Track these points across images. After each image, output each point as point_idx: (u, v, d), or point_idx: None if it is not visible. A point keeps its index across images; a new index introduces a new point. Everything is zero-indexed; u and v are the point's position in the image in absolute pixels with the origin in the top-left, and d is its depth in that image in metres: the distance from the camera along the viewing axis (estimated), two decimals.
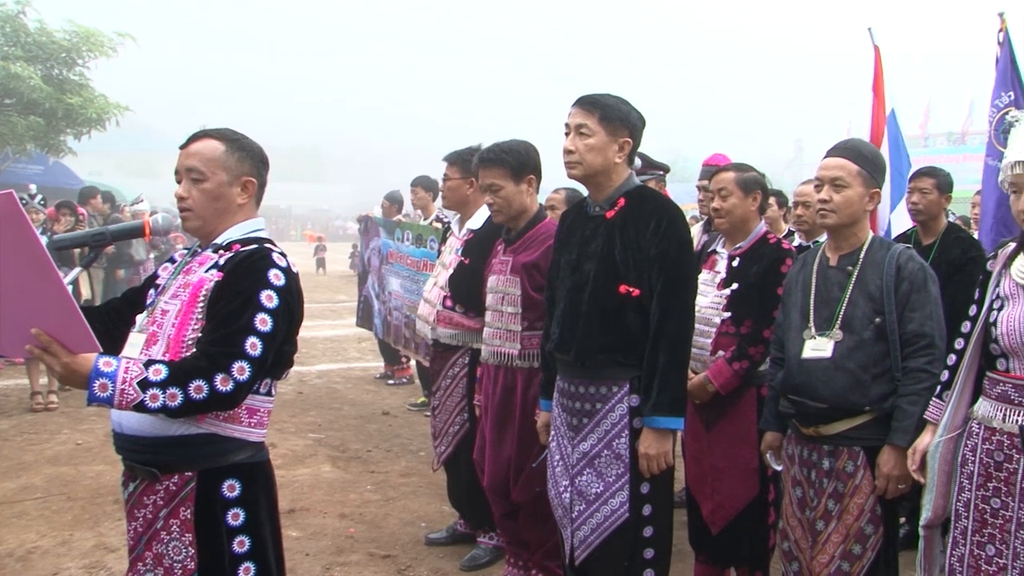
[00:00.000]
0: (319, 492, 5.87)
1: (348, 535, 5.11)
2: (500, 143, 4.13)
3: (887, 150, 6.38)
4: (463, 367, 4.62)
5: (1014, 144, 2.79)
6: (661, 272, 3.23)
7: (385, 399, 8.99)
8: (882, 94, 6.44)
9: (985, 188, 5.64)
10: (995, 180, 5.34)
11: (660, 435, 3.23)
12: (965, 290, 3.19)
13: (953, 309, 3.25)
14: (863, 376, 3.12)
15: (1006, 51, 5.42)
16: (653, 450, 3.22)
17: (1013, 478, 2.73)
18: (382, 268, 8.17)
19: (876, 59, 6.50)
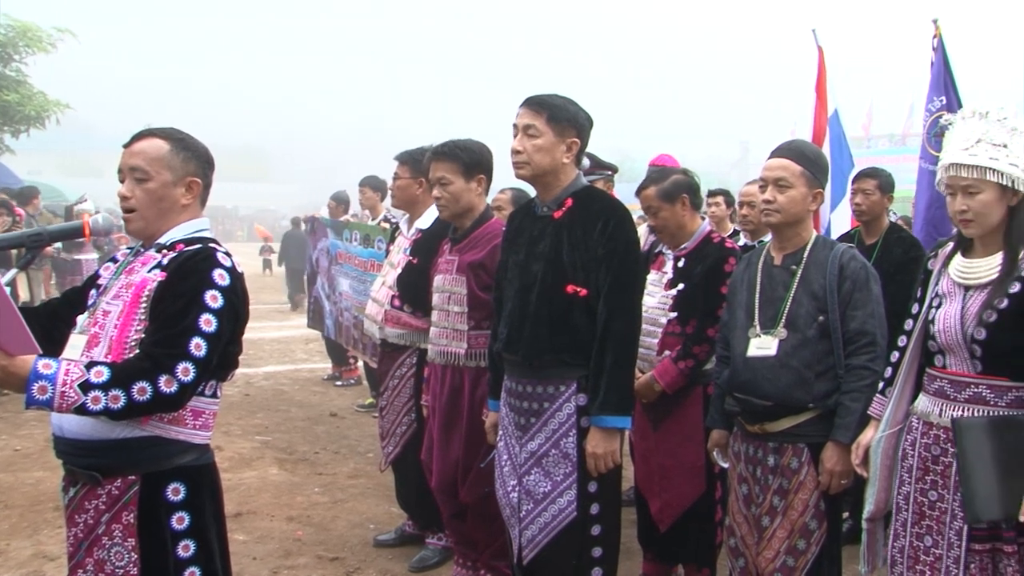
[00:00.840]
0: (266, 495, 5.81)
1: (296, 538, 5.07)
2: (457, 140, 4.13)
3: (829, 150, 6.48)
4: (411, 367, 4.61)
5: (949, 146, 2.86)
6: (608, 272, 3.25)
7: (333, 400, 8.93)
8: (825, 95, 6.55)
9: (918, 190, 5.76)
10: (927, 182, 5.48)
11: (608, 434, 3.25)
12: (906, 289, 3.26)
13: (895, 307, 3.33)
14: (807, 374, 3.18)
15: (940, 57, 5.55)
16: (601, 449, 3.24)
17: (948, 471, 2.81)
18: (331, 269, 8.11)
19: (820, 61, 6.61)
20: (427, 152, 4.28)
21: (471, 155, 4.06)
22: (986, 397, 2.77)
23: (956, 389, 2.82)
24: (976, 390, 2.78)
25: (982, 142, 2.76)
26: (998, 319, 2.73)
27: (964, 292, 2.84)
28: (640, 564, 4.40)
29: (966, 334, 2.77)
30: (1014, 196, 2.78)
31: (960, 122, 2.87)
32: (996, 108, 2.83)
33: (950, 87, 5.47)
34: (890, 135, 34.07)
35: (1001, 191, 2.76)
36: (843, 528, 3.89)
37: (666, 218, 4.07)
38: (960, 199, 2.79)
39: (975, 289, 2.82)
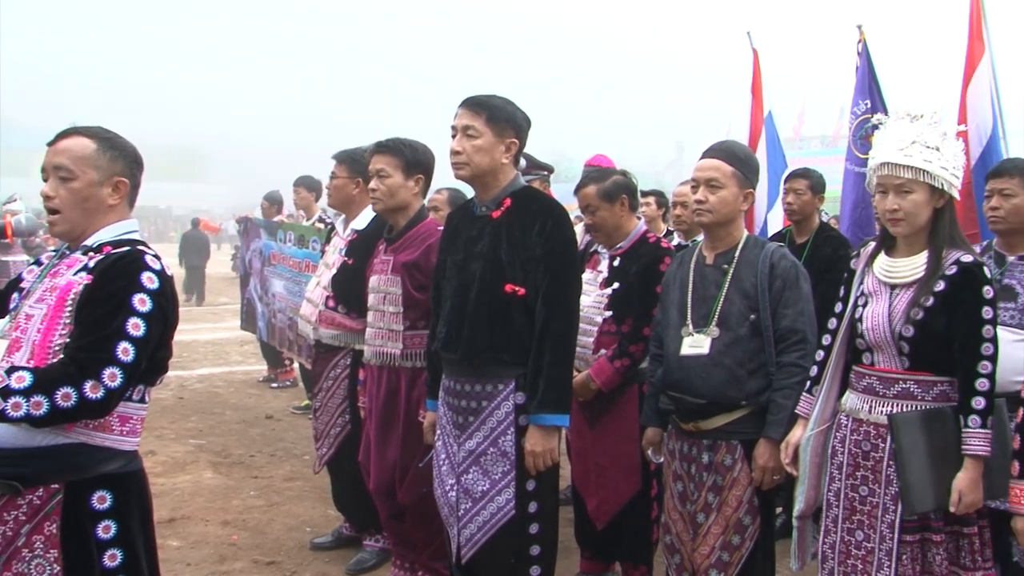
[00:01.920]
0: (200, 499, 5.71)
1: (231, 542, 4.99)
2: (402, 137, 4.12)
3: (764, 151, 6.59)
4: (345, 368, 4.57)
5: (882, 146, 2.92)
6: (547, 272, 3.26)
7: (268, 403, 8.83)
8: (760, 96, 6.65)
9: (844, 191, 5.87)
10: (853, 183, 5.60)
11: (546, 432, 3.25)
12: (836, 287, 3.31)
13: (825, 305, 3.38)
14: (739, 372, 3.22)
15: (864, 61, 5.67)
16: (539, 447, 3.24)
17: (879, 466, 2.87)
18: (264, 270, 8.00)
19: (755, 63, 6.71)
20: (364, 152, 4.25)
21: (414, 153, 4.05)
22: (914, 392, 2.84)
23: (885, 386, 2.89)
24: (904, 386, 2.85)
25: (916, 144, 2.84)
26: (925, 317, 2.80)
27: (890, 291, 2.91)
28: (577, 562, 4.42)
29: (894, 332, 2.84)
30: (941, 198, 2.86)
31: (893, 124, 2.94)
32: (929, 112, 2.91)
33: (875, 91, 5.59)
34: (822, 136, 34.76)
35: (931, 193, 2.84)
36: (777, 523, 3.96)
37: (604, 217, 4.10)
38: (892, 198, 2.86)
39: (901, 287, 2.89)
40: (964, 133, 4.89)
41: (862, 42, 5.72)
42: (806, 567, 3.29)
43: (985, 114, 4.97)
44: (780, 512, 4.40)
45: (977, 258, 2.86)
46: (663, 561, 3.55)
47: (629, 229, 4.13)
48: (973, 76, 5.06)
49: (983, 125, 4.97)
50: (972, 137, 4.96)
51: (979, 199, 4.70)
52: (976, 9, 5.13)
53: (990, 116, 4.95)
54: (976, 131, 4.98)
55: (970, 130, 4.97)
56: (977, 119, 4.99)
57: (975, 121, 4.99)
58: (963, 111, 5.05)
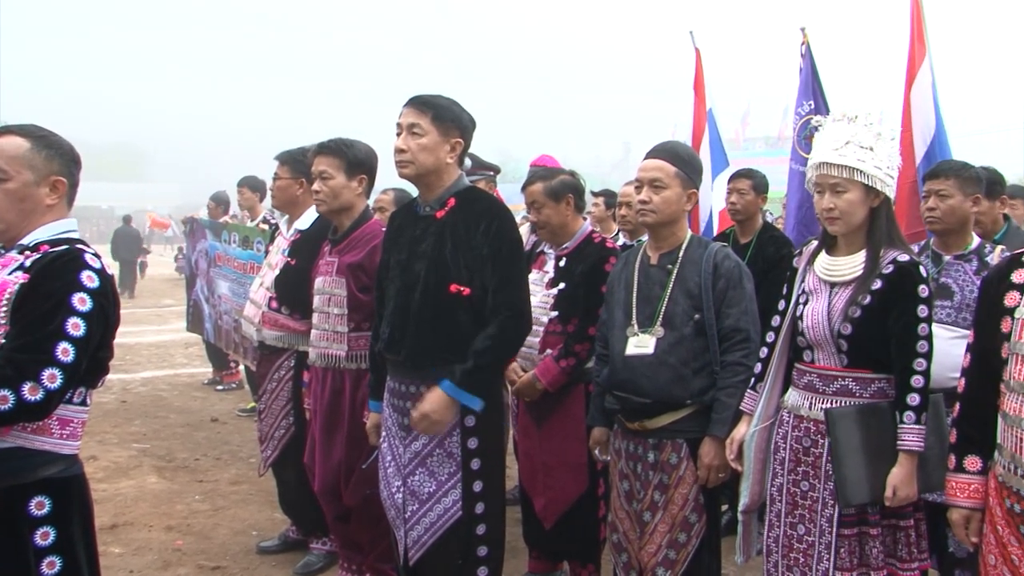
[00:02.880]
0: (144, 505, 5.63)
1: (175, 548, 4.92)
2: (344, 137, 4.09)
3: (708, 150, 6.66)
4: (288, 370, 4.54)
5: (819, 147, 2.98)
6: (495, 271, 3.25)
7: (214, 405, 8.72)
8: (703, 95, 6.72)
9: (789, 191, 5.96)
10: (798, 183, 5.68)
11: (450, 403, 3.19)
12: (779, 286, 3.36)
13: (768, 304, 3.43)
14: (684, 371, 3.25)
15: (808, 62, 5.76)
16: (436, 415, 3.18)
17: (819, 462, 2.93)
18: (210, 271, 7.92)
19: (697, 62, 6.79)
20: (308, 152, 4.22)
21: (356, 153, 4.03)
22: (852, 389, 2.90)
23: (824, 382, 2.94)
24: (843, 383, 2.91)
25: (851, 144, 2.90)
26: (863, 315, 2.86)
27: (830, 289, 2.97)
28: (526, 562, 4.44)
29: (833, 329, 2.90)
30: (876, 197, 2.93)
31: (830, 124, 3.00)
32: (864, 113, 2.97)
33: (818, 92, 5.68)
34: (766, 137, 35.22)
35: (866, 191, 2.90)
36: (723, 520, 4.01)
37: (549, 215, 4.12)
38: (828, 197, 2.92)
39: (840, 286, 2.95)
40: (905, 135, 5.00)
41: (805, 44, 5.80)
42: (751, 561, 3.35)
43: (928, 115, 5.07)
44: (726, 509, 4.45)
45: (913, 257, 2.93)
46: (611, 560, 3.57)
47: (575, 229, 4.16)
48: (916, 78, 5.16)
49: (927, 125, 5.07)
50: (916, 137, 5.06)
51: None
52: (917, 12, 5.24)
53: (933, 116, 5.06)
54: (920, 131, 5.08)
55: (915, 130, 5.08)
56: (921, 120, 5.10)
57: (919, 122, 5.09)
58: (907, 112, 5.16)
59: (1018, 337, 2.51)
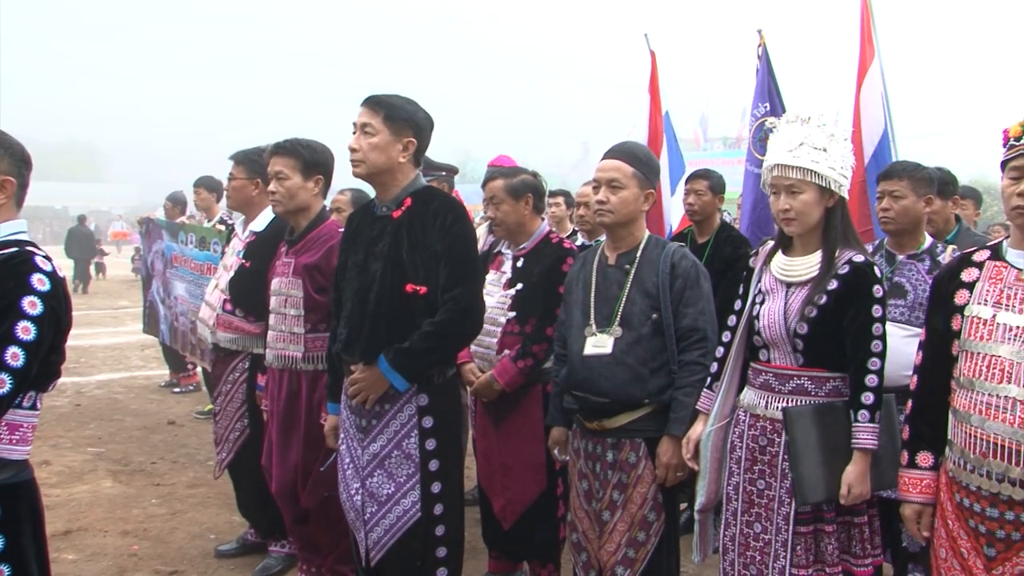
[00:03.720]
0: (99, 510, 5.54)
1: (131, 553, 4.86)
2: (300, 138, 4.07)
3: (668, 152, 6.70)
4: (243, 372, 4.51)
5: (773, 149, 3.01)
6: (446, 267, 3.25)
7: (171, 408, 8.62)
8: (658, 97, 6.76)
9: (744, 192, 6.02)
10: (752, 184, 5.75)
11: (379, 378, 3.23)
12: (736, 286, 3.39)
13: (726, 304, 3.46)
14: (642, 370, 3.26)
15: (764, 65, 5.82)
16: (365, 384, 3.25)
17: (775, 460, 2.95)
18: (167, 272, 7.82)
19: (652, 64, 6.83)
20: (264, 152, 4.19)
21: (312, 153, 4.01)
22: (808, 388, 2.93)
23: (780, 382, 2.97)
24: (799, 382, 2.94)
25: (805, 145, 2.93)
26: (818, 314, 2.89)
27: (786, 289, 2.99)
28: (486, 562, 4.44)
29: (789, 329, 2.92)
30: (831, 198, 2.96)
31: (784, 126, 3.03)
32: (817, 114, 3.00)
33: (774, 93, 5.74)
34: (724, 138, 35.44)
35: (820, 192, 2.93)
36: (682, 519, 4.03)
37: (507, 212, 4.12)
38: (783, 198, 2.95)
39: (796, 286, 2.98)
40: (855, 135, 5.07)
41: (762, 46, 5.87)
42: (708, 560, 3.37)
43: (876, 115, 5.15)
44: (684, 508, 4.48)
45: (868, 258, 2.97)
46: (570, 559, 3.58)
47: (533, 230, 4.16)
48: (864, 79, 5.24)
49: (874, 126, 5.14)
50: (865, 138, 5.13)
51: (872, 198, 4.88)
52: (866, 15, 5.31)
53: (881, 117, 5.13)
54: (868, 132, 5.15)
55: (863, 131, 5.15)
56: (869, 120, 5.17)
57: (867, 122, 5.17)
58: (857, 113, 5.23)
59: (968, 335, 2.56)
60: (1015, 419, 2.41)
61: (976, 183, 12.86)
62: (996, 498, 2.46)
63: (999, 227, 10.85)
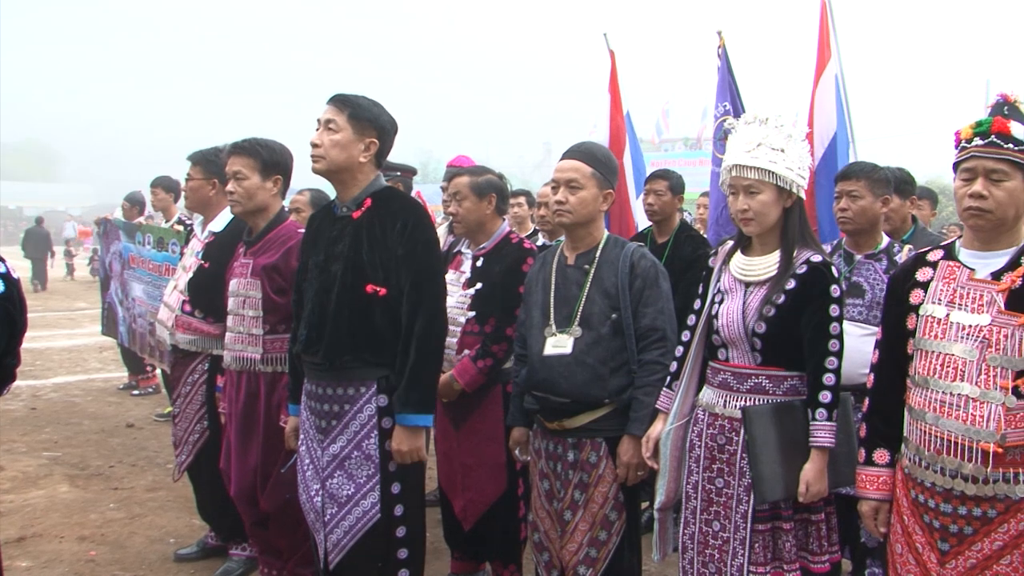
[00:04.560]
0: (55, 515, 5.46)
1: (88, 559, 4.79)
2: (258, 137, 4.04)
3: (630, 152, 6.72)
4: (202, 373, 4.48)
5: (732, 149, 3.03)
6: (409, 272, 3.25)
7: (130, 411, 8.51)
8: (618, 98, 6.79)
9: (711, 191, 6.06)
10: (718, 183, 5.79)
11: (411, 432, 3.24)
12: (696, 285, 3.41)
13: (686, 304, 3.48)
14: (602, 370, 3.27)
15: (724, 65, 5.87)
16: (405, 447, 3.23)
17: (733, 459, 2.98)
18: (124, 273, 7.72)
19: (611, 64, 6.86)
20: (221, 152, 4.16)
21: (271, 153, 3.98)
22: (766, 387, 2.96)
23: (739, 380, 2.99)
24: (757, 380, 2.97)
25: (762, 146, 2.95)
26: (776, 314, 2.92)
27: (745, 288, 3.02)
28: (448, 563, 4.43)
29: (747, 328, 2.95)
30: (789, 198, 2.99)
31: (743, 127, 3.05)
32: (775, 115, 3.03)
33: (734, 94, 5.79)
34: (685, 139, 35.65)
35: (778, 192, 2.96)
36: (644, 517, 4.05)
37: (469, 209, 4.12)
38: (742, 198, 2.97)
39: (755, 285, 3.00)
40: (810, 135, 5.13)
41: (722, 47, 5.91)
42: (669, 558, 3.39)
43: (829, 117, 5.20)
44: (646, 507, 4.50)
45: (826, 257, 3.00)
46: (533, 559, 3.59)
47: (493, 229, 4.16)
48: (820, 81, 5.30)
49: (827, 127, 5.20)
50: (816, 139, 5.19)
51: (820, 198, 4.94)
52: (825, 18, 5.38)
53: (834, 119, 5.18)
54: (819, 133, 5.20)
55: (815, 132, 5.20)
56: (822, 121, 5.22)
57: (820, 123, 5.22)
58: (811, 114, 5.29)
59: (922, 334, 2.60)
60: (968, 416, 2.46)
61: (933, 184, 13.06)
62: (950, 494, 2.50)
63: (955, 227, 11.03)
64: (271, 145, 4.01)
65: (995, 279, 2.52)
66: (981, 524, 2.48)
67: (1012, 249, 2.54)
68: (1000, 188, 2.48)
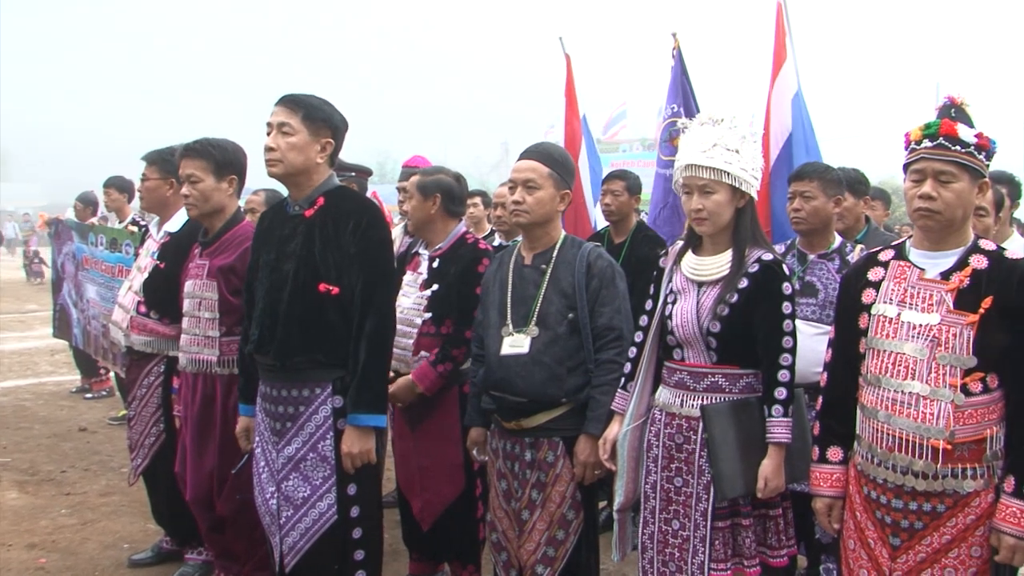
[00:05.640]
0: (3, 523, 5.35)
1: (38, 566, 4.70)
2: (211, 138, 4.00)
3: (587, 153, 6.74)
4: (158, 376, 4.41)
5: (686, 149, 3.05)
6: (361, 271, 3.24)
7: (83, 414, 8.38)
8: (574, 100, 6.80)
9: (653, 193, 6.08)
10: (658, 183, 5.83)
11: (362, 433, 3.23)
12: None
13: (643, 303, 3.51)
14: (559, 369, 3.28)
15: (678, 67, 5.90)
16: (356, 448, 3.22)
17: (692, 457, 3.00)
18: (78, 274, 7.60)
19: (567, 67, 6.87)
20: (176, 151, 4.11)
21: (224, 154, 3.94)
22: (722, 385, 2.98)
23: (695, 380, 3.02)
24: (713, 379, 2.99)
25: (718, 146, 2.98)
26: (730, 313, 2.95)
27: (698, 288, 3.04)
28: (407, 564, 4.41)
29: (702, 327, 2.97)
30: (742, 198, 3.02)
31: (697, 127, 3.07)
32: (729, 117, 3.05)
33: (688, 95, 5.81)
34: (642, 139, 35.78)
35: (732, 193, 2.99)
36: (601, 517, 4.06)
37: (414, 207, 4.13)
38: (696, 198, 3.00)
39: (707, 285, 3.03)
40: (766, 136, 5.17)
41: (676, 49, 5.94)
42: (628, 557, 3.40)
43: (785, 118, 5.25)
44: (604, 507, 4.52)
45: (777, 256, 3.03)
46: (491, 559, 3.58)
47: (447, 230, 4.15)
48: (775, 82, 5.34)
49: (782, 128, 5.24)
50: (772, 139, 5.23)
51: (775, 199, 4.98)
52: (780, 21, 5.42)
53: (789, 120, 5.23)
54: (775, 134, 5.25)
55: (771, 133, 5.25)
56: (777, 122, 5.27)
57: (775, 124, 5.27)
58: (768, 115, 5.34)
59: (874, 333, 2.63)
60: (919, 414, 2.50)
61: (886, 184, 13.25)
62: (901, 490, 2.55)
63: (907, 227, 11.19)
64: (223, 145, 3.97)
65: (944, 279, 2.57)
66: (931, 519, 2.53)
67: (960, 249, 2.59)
68: (948, 189, 2.53)
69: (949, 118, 2.57)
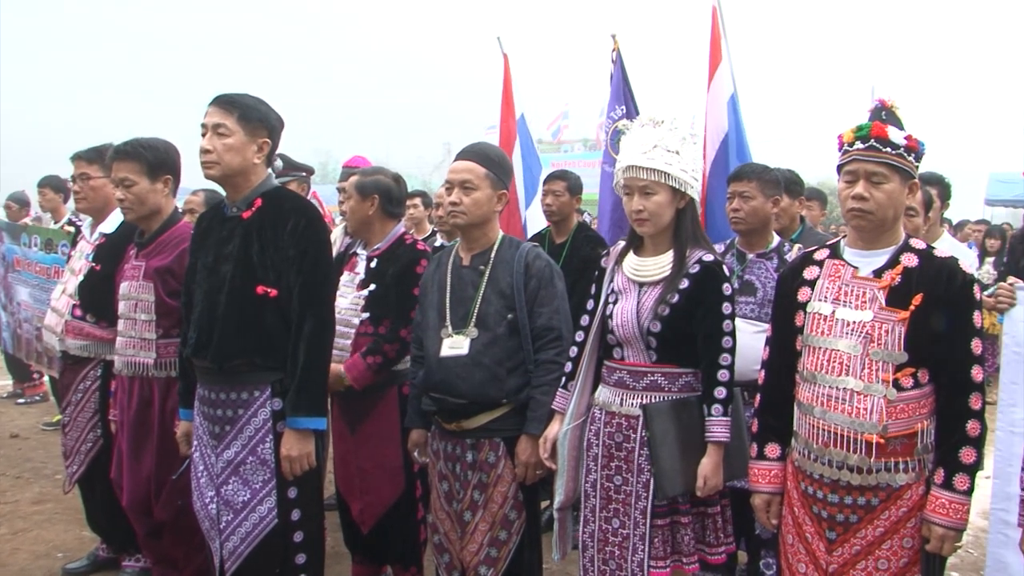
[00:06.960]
0: None
1: None
2: (140, 138, 3.92)
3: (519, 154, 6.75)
4: (95, 380, 4.33)
5: (627, 150, 3.08)
6: (300, 273, 3.21)
7: (14, 420, 8.18)
8: (511, 100, 6.81)
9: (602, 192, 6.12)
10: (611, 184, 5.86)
11: (301, 436, 3.21)
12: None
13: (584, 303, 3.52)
14: (499, 370, 3.27)
15: (619, 68, 5.94)
16: (295, 451, 3.20)
17: (631, 456, 3.02)
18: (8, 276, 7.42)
19: (505, 67, 6.89)
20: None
21: (156, 154, 3.87)
22: (661, 384, 3.01)
23: (634, 379, 3.04)
24: (653, 378, 3.02)
25: (658, 148, 3.01)
26: (671, 313, 2.97)
27: (638, 288, 3.07)
28: (350, 568, 4.38)
29: (643, 327, 3.00)
30: (683, 199, 3.05)
31: (638, 129, 3.10)
32: (670, 118, 3.08)
33: (629, 97, 5.85)
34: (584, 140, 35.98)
35: (672, 194, 3.02)
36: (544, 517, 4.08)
37: (352, 208, 4.11)
38: (637, 199, 3.02)
39: (648, 285, 3.05)
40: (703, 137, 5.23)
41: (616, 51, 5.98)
42: (570, 556, 3.41)
43: (721, 119, 5.31)
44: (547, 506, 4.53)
45: (717, 257, 3.07)
46: (434, 561, 3.57)
47: (385, 231, 4.13)
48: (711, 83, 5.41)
49: (718, 129, 5.30)
50: (708, 140, 5.29)
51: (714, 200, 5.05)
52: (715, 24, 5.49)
53: (725, 121, 5.30)
54: (712, 134, 5.31)
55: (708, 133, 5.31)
56: (713, 123, 5.33)
57: (712, 125, 5.33)
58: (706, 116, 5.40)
59: (809, 330, 2.68)
60: (853, 410, 2.55)
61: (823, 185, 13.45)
62: (836, 484, 2.60)
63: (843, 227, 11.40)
64: (155, 145, 3.90)
65: (877, 276, 2.62)
66: (865, 512, 2.58)
67: (892, 248, 2.65)
68: (880, 190, 2.59)
69: (880, 120, 2.63)
